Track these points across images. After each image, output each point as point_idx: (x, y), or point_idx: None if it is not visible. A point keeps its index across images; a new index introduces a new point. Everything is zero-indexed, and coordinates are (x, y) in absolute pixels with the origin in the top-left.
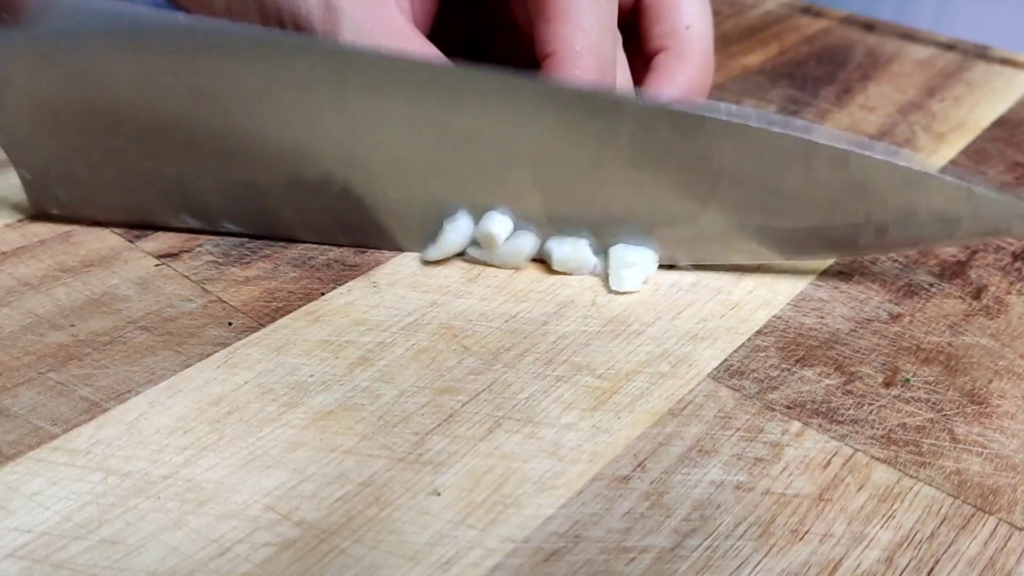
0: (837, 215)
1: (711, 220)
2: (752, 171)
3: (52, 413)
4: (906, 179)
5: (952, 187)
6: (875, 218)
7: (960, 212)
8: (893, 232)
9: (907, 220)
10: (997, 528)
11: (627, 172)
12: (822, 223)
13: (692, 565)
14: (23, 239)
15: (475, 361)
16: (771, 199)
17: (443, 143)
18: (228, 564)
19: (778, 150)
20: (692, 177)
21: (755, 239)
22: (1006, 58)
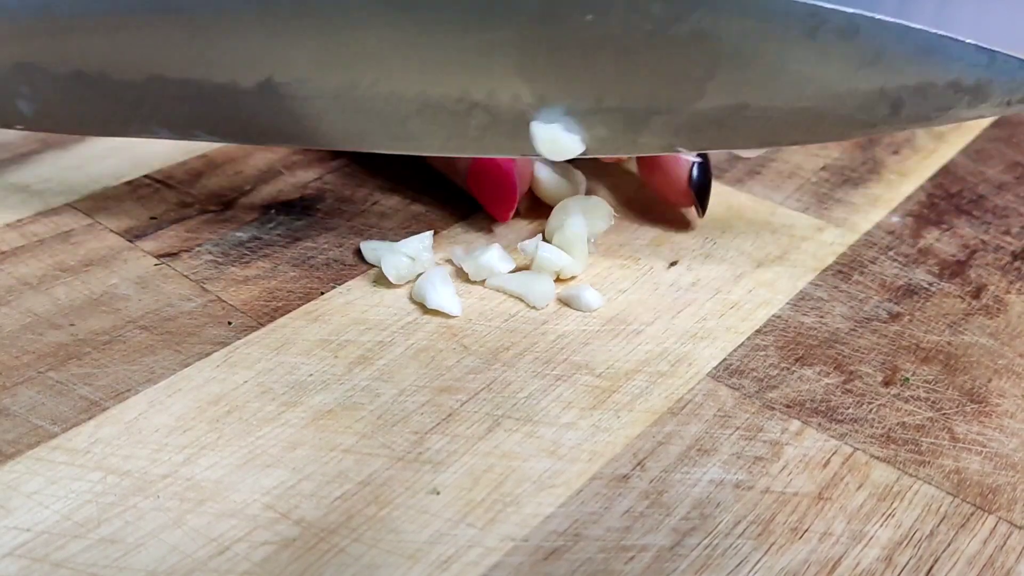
0: (848, 91)
1: (711, 104)
2: (753, 47)
3: (51, 412)
4: (922, 47)
5: (972, 53)
6: (889, 92)
7: (982, 79)
8: (910, 106)
9: (925, 92)
10: (996, 526)
11: (618, 56)
12: (832, 101)
13: (691, 564)
14: (23, 239)
15: (474, 360)
16: (776, 77)
17: (424, 32)
18: (227, 563)
19: (781, 21)
20: (688, 58)
21: (760, 123)
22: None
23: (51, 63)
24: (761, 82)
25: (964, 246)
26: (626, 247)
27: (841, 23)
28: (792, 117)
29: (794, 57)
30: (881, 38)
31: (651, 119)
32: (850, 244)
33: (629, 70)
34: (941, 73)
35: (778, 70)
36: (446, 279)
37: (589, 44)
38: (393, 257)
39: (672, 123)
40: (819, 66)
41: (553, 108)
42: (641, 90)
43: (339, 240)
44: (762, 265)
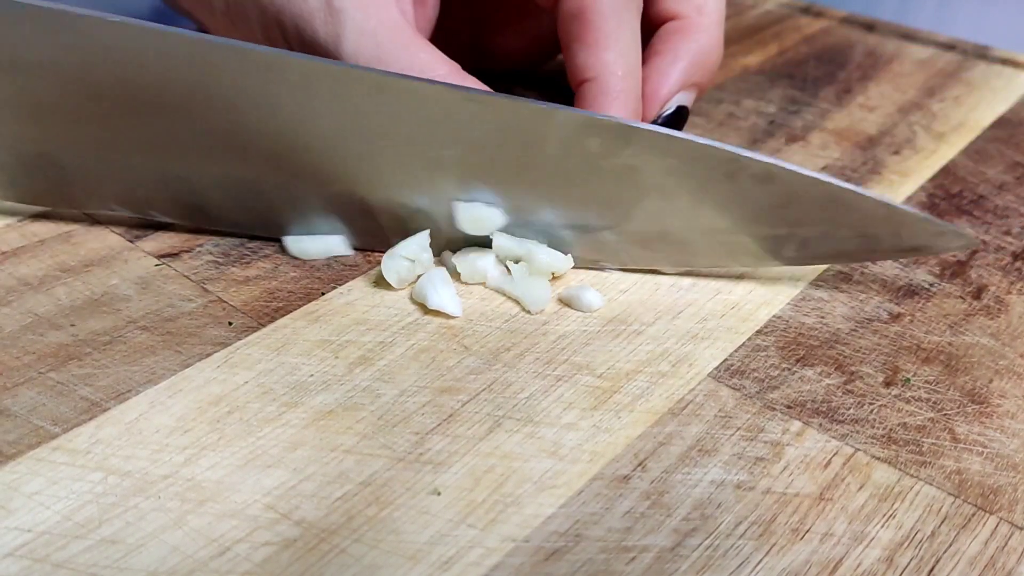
0: (761, 227)
1: (636, 228)
2: (678, 183)
3: (52, 413)
4: (829, 196)
5: (873, 205)
6: (799, 232)
7: (880, 231)
8: (815, 246)
9: (829, 236)
10: (998, 527)
11: (555, 180)
12: (746, 234)
13: (692, 564)
14: (23, 239)
15: (475, 361)
16: (696, 210)
17: (372, 143)
18: (228, 563)
19: (704, 163)
20: (619, 186)
21: (679, 248)
22: (1006, 58)
23: (12, 142)
24: (682, 213)
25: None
26: None
27: (758, 170)
28: (709, 246)
29: (713, 195)
30: (793, 185)
31: (580, 237)
32: None
33: (562, 193)
34: (845, 220)
35: (698, 204)
36: (447, 280)
37: (527, 169)
38: (392, 261)
39: (599, 241)
40: (735, 205)
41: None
42: (572, 211)
43: None
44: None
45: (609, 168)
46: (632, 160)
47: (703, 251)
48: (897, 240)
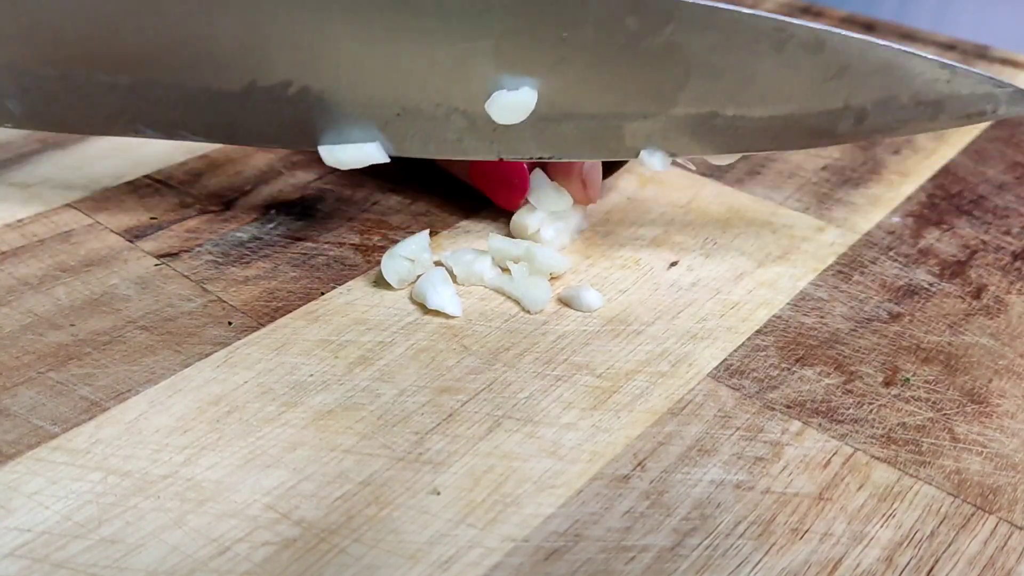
0: (814, 102)
1: (683, 113)
2: (724, 60)
3: (52, 412)
4: (885, 61)
5: (932, 68)
6: (854, 103)
7: (942, 94)
8: (873, 118)
9: (887, 104)
10: (997, 527)
11: (594, 67)
12: (799, 111)
13: (692, 564)
14: (23, 239)
15: (475, 360)
16: (745, 88)
17: (400, 40)
18: (228, 563)
19: (751, 35)
20: (661, 69)
21: (728, 132)
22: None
23: (39, 65)
24: (730, 93)
25: (964, 246)
26: (626, 247)
27: (807, 38)
28: (760, 126)
29: (761, 70)
30: (846, 53)
31: (624, 125)
32: (850, 244)
33: (603, 79)
34: (903, 87)
35: (746, 82)
36: (446, 280)
37: (565, 54)
38: (392, 261)
39: (645, 129)
40: (786, 79)
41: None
42: (615, 98)
43: (339, 240)
44: (762, 265)
45: (650, 48)
46: (674, 38)
47: (754, 134)
48: (959, 104)
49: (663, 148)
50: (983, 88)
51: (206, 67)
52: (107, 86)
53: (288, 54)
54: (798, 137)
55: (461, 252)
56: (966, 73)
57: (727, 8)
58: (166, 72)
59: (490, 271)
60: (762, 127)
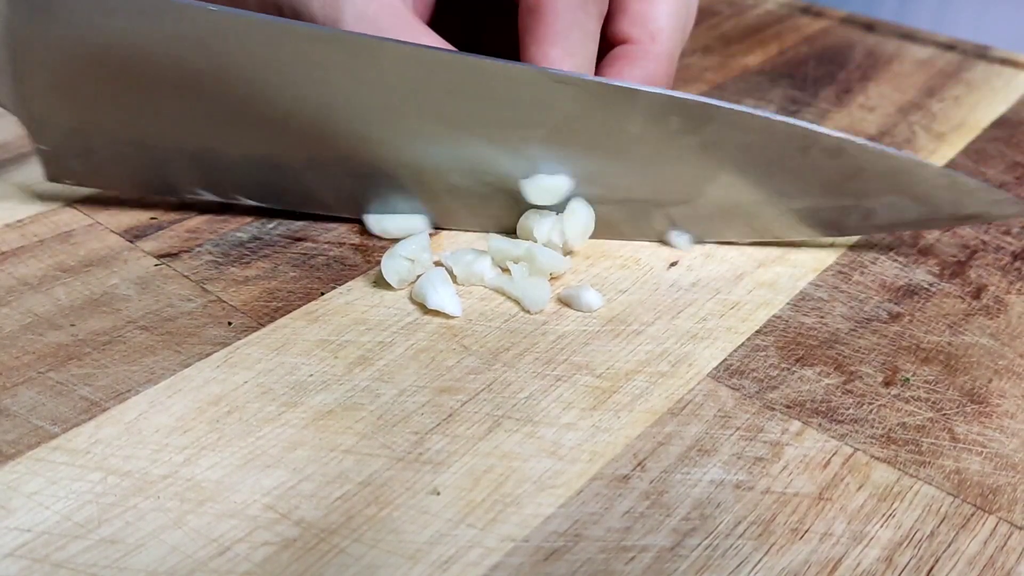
0: (830, 199)
1: (711, 201)
2: (754, 158)
3: (52, 412)
4: (895, 167)
5: (936, 175)
6: (864, 203)
7: (942, 199)
8: (879, 215)
9: (893, 205)
10: (997, 527)
11: (636, 158)
12: (815, 205)
13: (692, 564)
14: (23, 239)
15: (475, 360)
16: (769, 183)
17: (459, 124)
18: (228, 563)
19: (780, 139)
20: (696, 163)
21: (747, 220)
22: (1006, 58)
23: (108, 128)
24: (755, 186)
25: (964, 246)
26: (626, 247)
27: (829, 144)
28: (778, 217)
29: (785, 168)
30: (861, 158)
31: (654, 211)
32: (850, 244)
33: (644, 168)
34: (908, 191)
35: (770, 177)
36: (446, 280)
37: (608, 148)
38: (392, 261)
39: (673, 214)
40: (806, 177)
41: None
42: (652, 186)
43: (339, 240)
44: (762, 265)
45: (687, 145)
46: (711, 136)
47: (773, 222)
48: (956, 207)
49: (689, 231)
50: (980, 195)
51: (272, 139)
52: (172, 152)
53: (351, 131)
54: (813, 227)
55: (461, 252)
56: (963, 181)
57: (760, 114)
58: (232, 142)
59: (490, 271)
60: (782, 217)
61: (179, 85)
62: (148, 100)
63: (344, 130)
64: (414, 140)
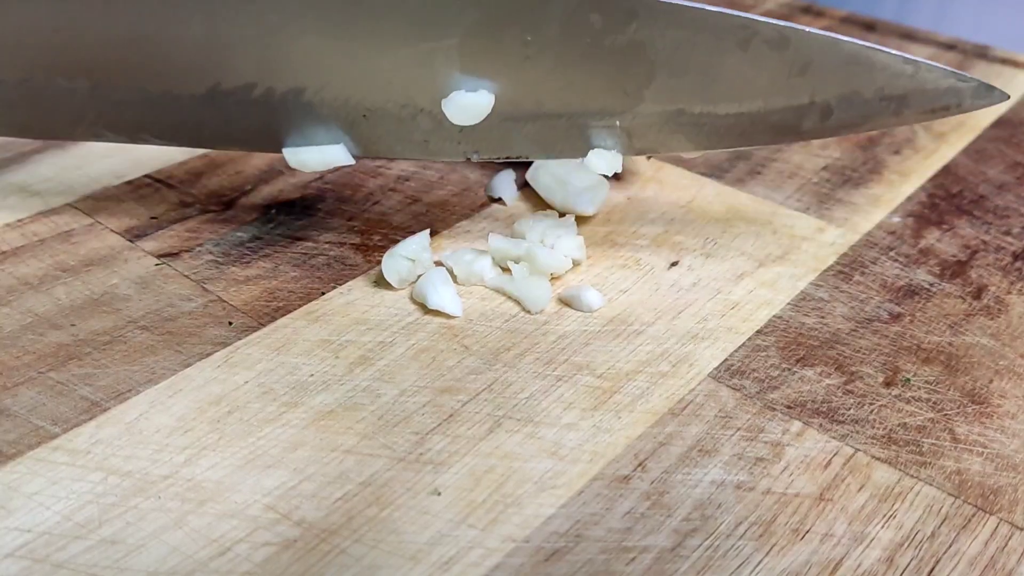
0: (779, 98)
1: (649, 110)
2: (688, 57)
3: (52, 413)
4: (849, 57)
5: (897, 63)
6: (819, 99)
7: (906, 88)
8: (838, 113)
9: (851, 100)
10: (998, 528)
11: (559, 65)
12: (765, 107)
13: (693, 565)
14: (23, 239)
15: (475, 361)
16: (709, 86)
17: (363, 41)
18: (228, 564)
19: (716, 32)
20: (626, 67)
21: (695, 128)
22: (1006, 58)
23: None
24: (696, 89)
25: (965, 246)
26: (627, 247)
27: (771, 35)
28: (726, 123)
29: (727, 66)
30: (810, 49)
31: (590, 124)
32: (851, 244)
33: (568, 78)
34: (867, 82)
35: (712, 79)
36: (447, 280)
37: (529, 54)
38: (393, 261)
39: (612, 129)
40: (751, 75)
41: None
42: (580, 97)
43: (339, 240)
44: (763, 265)
45: (613, 46)
46: (638, 35)
47: (721, 130)
48: (924, 98)
49: (630, 148)
50: (947, 82)
51: (168, 70)
52: (67, 91)
53: (251, 56)
54: (764, 133)
55: (461, 252)
56: (929, 68)
57: (691, 6)
58: (127, 76)
59: (490, 271)
60: (728, 123)
61: (67, 24)
62: (37, 41)
63: (240, 57)
64: (317, 60)
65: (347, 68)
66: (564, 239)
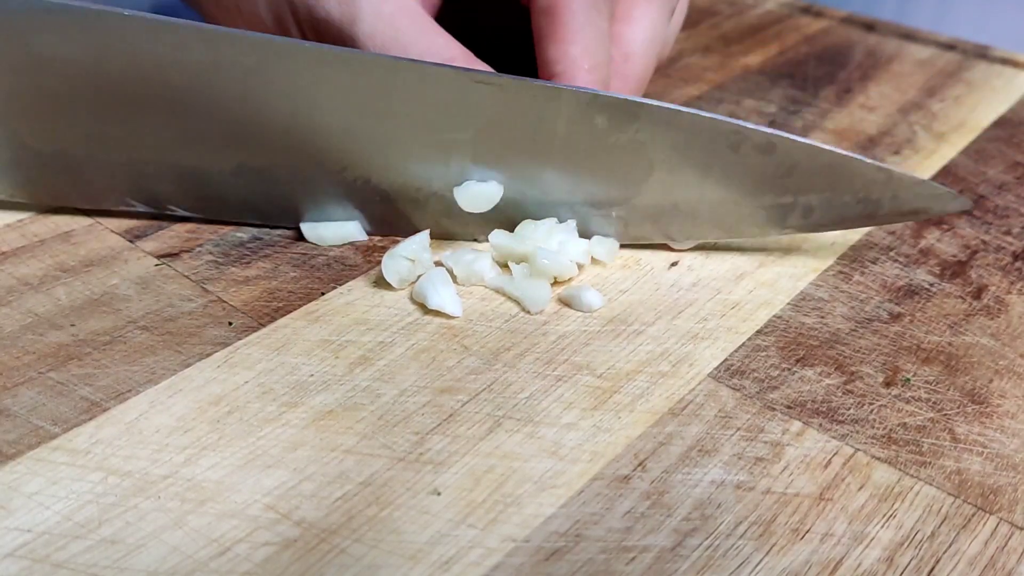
0: (766, 197)
1: (646, 202)
2: (684, 156)
3: (52, 413)
4: (830, 164)
5: (873, 171)
6: (801, 200)
7: (881, 195)
8: (819, 213)
9: (831, 203)
10: (998, 527)
11: (564, 159)
12: (752, 203)
13: (693, 564)
14: (23, 239)
15: (475, 361)
16: (703, 182)
17: (386, 127)
18: (228, 563)
19: (709, 135)
20: (627, 163)
21: (687, 219)
22: (1006, 58)
23: (34, 141)
24: (690, 185)
25: (965, 246)
26: (627, 247)
27: (760, 140)
28: (716, 217)
29: (718, 166)
30: (795, 155)
31: (590, 213)
32: (851, 244)
33: (574, 171)
34: (846, 187)
35: (704, 176)
36: (447, 280)
37: (537, 148)
38: (393, 262)
39: (609, 216)
40: (740, 175)
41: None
42: (585, 188)
43: None
44: (763, 265)
45: (616, 144)
46: (639, 135)
47: (711, 222)
48: (896, 203)
49: (625, 235)
50: (918, 190)
51: (200, 146)
52: (101, 165)
53: (280, 137)
54: (751, 227)
55: (461, 252)
56: (901, 176)
57: (688, 111)
58: (160, 150)
59: (490, 271)
60: (718, 217)
61: (104, 100)
62: (74, 115)
63: (269, 137)
64: (340, 146)
65: (368, 154)
66: (570, 244)
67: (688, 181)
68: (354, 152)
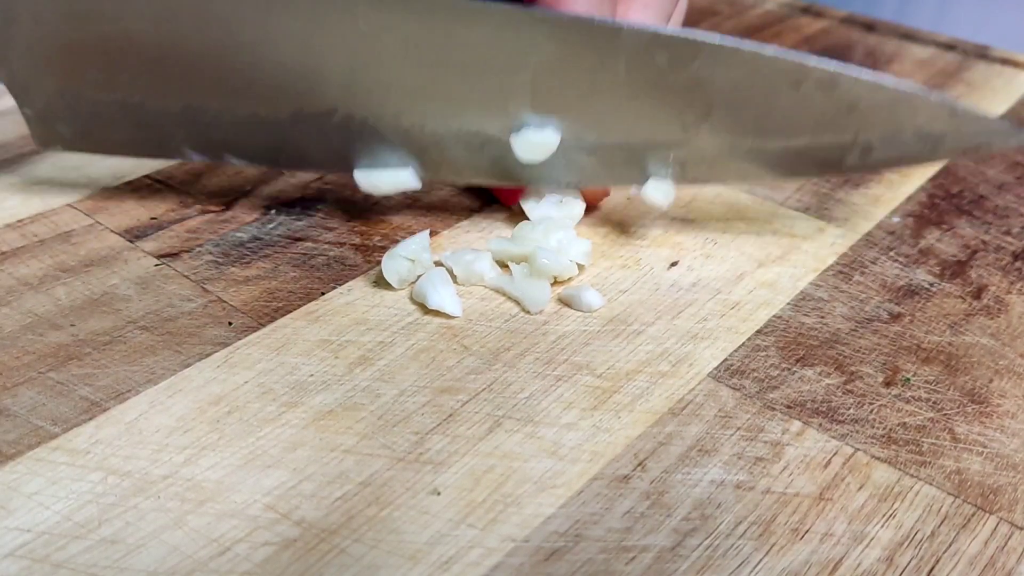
0: (826, 135)
1: (704, 143)
2: (744, 95)
3: (52, 413)
4: (893, 99)
5: (935, 105)
6: (862, 138)
7: (943, 129)
8: (879, 152)
9: (892, 139)
10: (998, 527)
11: (624, 99)
12: (811, 143)
13: (692, 564)
14: (23, 239)
15: (475, 360)
16: (762, 121)
17: (444, 71)
18: (228, 563)
19: (770, 73)
20: (686, 102)
21: (746, 160)
22: (1006, 58)
23: (91, 90)
24: (750, 125)
25: (965, 246)
26: (627, 247)
27: (822, 77)
28: (775, 158)
29: (779, 105)
30: (857, 91)
31: (648, 155)
32: (851, 244)
33: (633, 112)
34: (908, 123)
35: (765, 116)
36: (447, 280)
37: (597, 87)
38: (392, 262)
39: (668, 159)
40: (801, 114)
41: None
42: (643, 129)
43: (339, 240)
44: (763, 265)
45: (676, 83)
46: (699, 73)
47: (770, 164)
48: (958, 138)
49: (683, 177)
50: (981, 125)
51: (256, 94)
52: (158, 112)
53: (335, 83)
54: (809, 168)
55: (461, 252)
56: (964, 110)
57: (749, 48)
58: (217, 99)
59: (490, 271)
60: (776, 158)
61: (162, 46)
62: (132, 62)
63: (325, 85)
64: (396, 90)
65: (424, 98)
66: (571, 244)
67: (747, 121)
68: (410, 96)
